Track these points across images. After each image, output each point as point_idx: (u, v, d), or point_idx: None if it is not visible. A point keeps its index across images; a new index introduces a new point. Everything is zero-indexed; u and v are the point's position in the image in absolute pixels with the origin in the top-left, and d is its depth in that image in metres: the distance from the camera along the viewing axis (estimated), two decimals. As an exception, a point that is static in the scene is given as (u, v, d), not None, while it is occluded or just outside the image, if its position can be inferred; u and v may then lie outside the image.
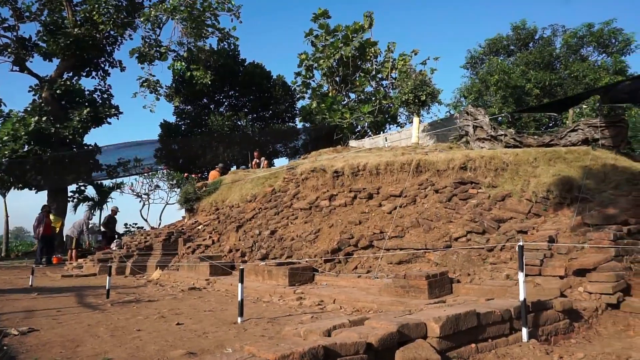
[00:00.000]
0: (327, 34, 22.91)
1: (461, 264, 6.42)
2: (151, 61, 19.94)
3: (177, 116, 24.08)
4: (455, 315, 2.70)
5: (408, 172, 8.61)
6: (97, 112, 19.30)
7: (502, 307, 3.15)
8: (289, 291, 7.01)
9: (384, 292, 6.01)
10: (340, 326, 2.58)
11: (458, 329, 2.70)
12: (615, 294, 4.16)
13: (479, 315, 2.88)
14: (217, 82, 22.89)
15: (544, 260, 5.01)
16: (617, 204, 5.92)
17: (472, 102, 22.75)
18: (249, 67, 23.75)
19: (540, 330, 3.40)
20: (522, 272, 3.21)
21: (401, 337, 2.42)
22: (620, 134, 9.57)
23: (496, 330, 3.02)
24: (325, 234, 8.41)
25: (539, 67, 22.39)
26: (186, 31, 19.34)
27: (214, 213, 12.11)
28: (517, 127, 20.89)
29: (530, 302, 3.43)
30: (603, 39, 21.77)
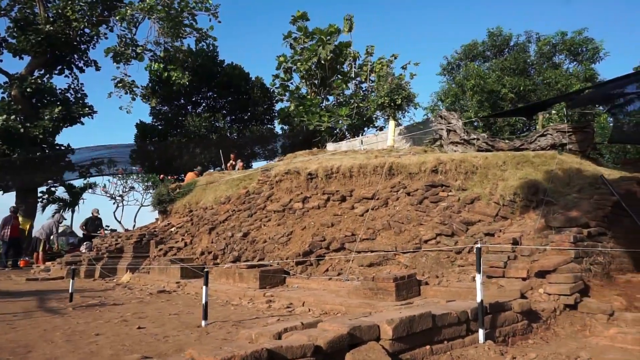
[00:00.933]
0: (306, 37, 22.92)
1: (430, 266, 6.47)
2: (127, 61, 19.58)
3: (153, 117, 23.72)
4: (409, 317, 2.71)
5: (381, 175, 8.65)
6: (70, 111, 18.82)
7: (459, 309, 3.17)
8: (258, 294, 6.94)
9: (353, 295, 6.01)
10: (292, 329, 2.55)
11: (412, 331, 2.71)
12: (573, 295, 4.25)
13: (434, 317, 2.90)
14: (194, 83, 22.64)
15: (508, 262, 5.09)
16: (580, 207, 6.06)
17: (448, 106, 23.08)
18: (227, 69, 23.58)
19: (497, 332, 3.44)
20: (479, 274, 3.24)
21: (352, 340, 2.40)
22: (586, 139, 9.84)
23: (452, 332, 3.04)
24: (298, 236, 8.37)
25: (513, 73, 22.84)
26: (163, 31, 19.08)
27: (188, 215, 11.94)
28: (493, 132, 21.28)
29: (488, 303, 3.47)
30: (574, 47, 22.38)
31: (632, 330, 3.82)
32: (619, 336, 3.75)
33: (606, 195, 6.30)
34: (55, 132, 18.89)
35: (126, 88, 19.84)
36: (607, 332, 3.95)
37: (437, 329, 2.91)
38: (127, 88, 19.83)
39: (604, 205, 6.05)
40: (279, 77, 23.76)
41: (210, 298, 7.49)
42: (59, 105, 18.34)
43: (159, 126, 23.81)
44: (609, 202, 6.09)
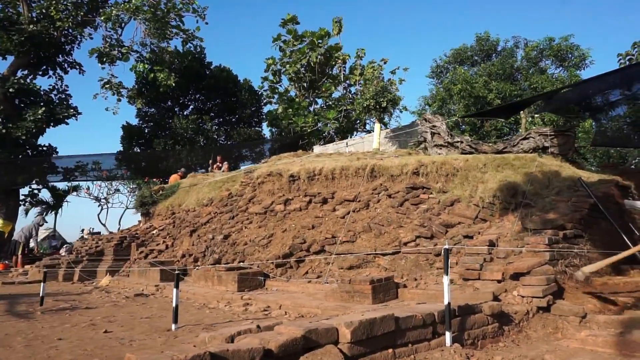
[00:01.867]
0: (295, 40, 22.89)
1: (409, 268, 6.42)
2: (112, 61, 19.37)
3: (140, 118, 23.49)
4: (370, 320, 2.63)
5: (363, 177, 8.60)
6: (54, 112, 18.53)
7: (426, 312, 3.11)
8: (236, 297, 6.84)
9: (330, 298, 5.94)
10: (247, 332, 2.46)
11: (373, 334, 2.64)
12: (546, 297, 4.21)
13: (397, 320, 2.83)
14: (182, 85, 22.47)
15: (484, 264, 5.05)
16: (557, 210, 6.05)
17: (436, 110, 23.16)
18: (215, 71, 23.46)
19: (466, 334, 3.38)
20: (447, 276, 3.19)
21: (308, 343, 2.32)
22: (568, 142, 9.90)
23: (417, 335, 2.98)
24: (279, 238, 8.28)
25: (500, 78, 23.00)
26: (149, 32, 18.92)
27: (170, 217, 11.79)
28: (479, 136, 21.40)
29: (457, 306, 3.41)
30: (561, 53, 22.60)
31: (603, 333, 3.79)
32: (590, 339, 3.72)
33: (583, 198, 6.30)
34: (38, 133, 18.58)
35: (113, 89, 19.62)
36: (579, 334, 3.92)
37: (400, 332, 2.85)
38: (114, 89, 19.60)
39: (581, 208, 6.05)
40: (267, 80, 23.71)
41: (188, 301, 7.42)
42: (43, 106, 18.06)
43: (146, 128, 23.60)
44: (585, 205, 6.09)
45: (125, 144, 22.91)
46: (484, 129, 22.20)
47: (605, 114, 13.34)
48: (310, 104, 22.90)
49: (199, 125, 22.49)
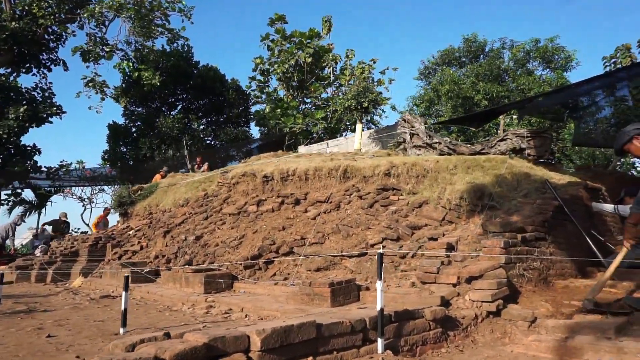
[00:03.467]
0: (284, 39, 22.79)
1: (374, 271, 6.34)
2: (96, 60, 19.21)
3: (126, 118, 23.31)
4: (285, 327, 2.55)
5: (335, 178, 8.53)
6: (37, 111, 18.37)
7: (355, 317, 3.03)
8: (201, 299, 6.75)
9: (291, 300, 5.86)
10: (151, 339, 2.38)
11: (289, 342, 2.55)
12: (495, 301, 4.15)
13: (319, 327, 2.75)
14: (168, 84, 22.33)
15: (441, 268, 4.98)
16: (521, 212, 6.00)
17: (423, 110, 23.16)
18: (202, 70, 23.31)
19: (403, 341, 3.31)
20: (380, 280, 3.12)
21: (211, 352, 2.24)
22: (544, 144, 9.87)
23: (344, 342, 2.90)
24: (249, 239, 8.20)
25: (488, 79, 23.03)
26: (134, 30, 18.77)
27: (147, 217, 11.67)
28: (467, 137, 21.39)
29: (393, 311, 3.34)
30: (547, 54, 22.65)
31: (549, 338, 3.74)
32: (533, 344, 3.66)
33: (549, 200, 6.26)
34: (21, 132, 18.40)
35: (96, 88, 19.46)
36: (526, 339, 3.86)
37: (323, 339, 2.77)
38: (97, 88, 19.45)
39: (545, 210, 6.00)
40: (255, 79, 23.60)
41: (154, 303, 7.32)
42: (25, 104, 17.89)
43: (132, 127, 23.44)
44: (550, 207, 6.04)
45: (111, 143, 22.73)
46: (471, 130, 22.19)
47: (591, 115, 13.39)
48: (299, 104, 22.81)
49: (186, 125, 22.35)
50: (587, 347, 3.44)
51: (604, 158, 18.77)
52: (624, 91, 11.73)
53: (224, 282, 7.41)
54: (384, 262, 6.43)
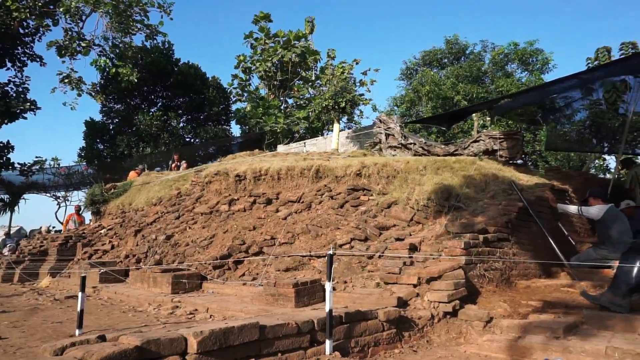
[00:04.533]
0: (268, 38, 22.68)
1: (342, 271, 6.34)
2: (72, 55, 18.82)
3: (104, 114, 22.92)
4: (225, 329, 2.52)
5: (308, 178, 8.51)
6: (9, 106, 17.92)
7: (303, 319, 3.01)
8: (167, 300, 6.66)
9: (256, 301, 5.83)
10: (83, 342, 2.33)
11: (229, 344, 2.52)
12: (452, 302, 4.17)
13: (263, 328, 2.72)
14: (148, 81, 22.04)
15: (403, 268, 5.00)
16: (487, 213, 6.06)
17: (404, 110, 23.28)
18: (182, 67, 23.06)
19: (353, 342, 3.30)
20: (329, 282, 3.11)
21: (144, 355, 2.19)
22: (516, 146, 9.99)
23: (289, 344, 2.88)
24: (219, 239, 8.12)
25: (468, 80, 23.25)
26: (111, 25, 18.44)
27: (120, 216, 11.49)
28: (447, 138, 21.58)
29: (344, 312, 3.33)
30: (525, 57, 22.98)
31: (502, 337, 3.78)
32: (486, 344, 3.70)
33: (514, 201, 6.34)
34: (-7, 128, 17.95)
35: (72, 84, 19.06)
36: (480, 339, 3.90)
37: (267, 341, 2.74)
38: (73, 84, 19.05)
39: (510, 211, 6.08)
40: (237, 77, 23.43)
41: (120, 304, 7.19)
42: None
43: (110, 124, 23.06)
44: (514, 208, 6.12)
45: (88, 140, 22.34)
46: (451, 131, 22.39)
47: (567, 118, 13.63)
48: (280, 103, 22.73)
49: (165, 123, 22.08)
50: (536, 347, 3.48)
51: (578, 160, 19.13)
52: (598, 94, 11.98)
53: (192, 282, 7.34)
54: (351, 262, 6.48)
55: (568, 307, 4.40)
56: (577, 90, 11.26)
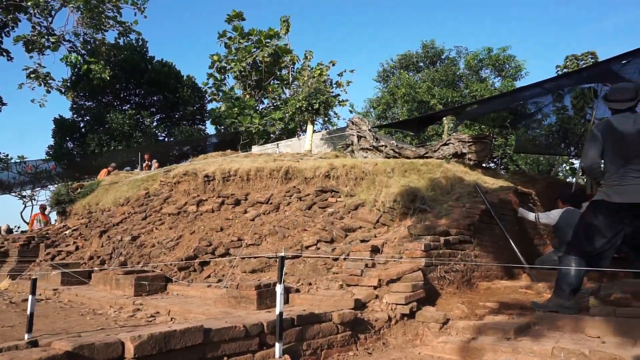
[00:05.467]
0: (241, 37, 22.51)
1: (307, 273, 6.32)
2: (41, 50, 18.28)
3: (74, 112, 22.33)
4: (166, 333, 2.47)
5: (277, 179, 8.46)
6: (-28, 102, 17.31)
7: (252, 322, 2.98)
8: (129, 302, 6.51)
9: (219, 303, 5.74)
10: (11, 349, 2.24)
11: (169, 348, 2.47)
12: (409, 304, 4.20)
13: (207, 332, 2.67)
14: (120, 79, 21.59)
15: (364, 270, 5.01)
16: (450, 215, 6.14)
17: (380, 112, 23.48)
18: (156, 65, 22.68)
19: (305, 345, 3.28)
20: (280, 284, 3.08)
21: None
22: (485, 150, 10.18)
23: (237, 347, 2.84)
24: (186, 240, 8.00)
25: (443, 84, 23.62)
26: (83, 21, 17.99)
27: (86, 217, 11.20)
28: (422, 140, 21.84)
29: (296, 315, 3.31)
30: (499, 63, 23.48)
31: (456, 339, 3.81)
32: (439, 345, 3.73)
33: (478, 204, 6.44)
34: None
35: (40, 80, 18.51)
36: (436, 341, 3.92)
37: (212, 345, 2.70)
38: (41, 80, 18.49)
39: (473, 214, 6.17)
40: (212, 77, 23.18)
41: (80, 307, 6.99)
42: (-41, 95, 16.79)
43: (81, 122, 22.49)
44: (477, 211, 6.21)
45: (57, 138, 21.72)
46: (426, 133, 22.68)
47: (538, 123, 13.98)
48: (256, 103, 22.58)
49: (138, 121, 21.67)
50: (487, 348, 3.52)
51: (547, 164, 19.65)
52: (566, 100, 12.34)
53: (156, 284, 7.19)
54: (317, 264, 6.46)
55: (523, 309, 4.48)
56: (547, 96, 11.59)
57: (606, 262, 3.92)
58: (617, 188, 3.78)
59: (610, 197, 3.82)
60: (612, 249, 3.89)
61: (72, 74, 20.93)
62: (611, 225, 3.83)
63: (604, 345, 3.36)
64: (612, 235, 3.83)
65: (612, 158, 3.82)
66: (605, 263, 3.92)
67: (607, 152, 3.84)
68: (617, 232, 3.83)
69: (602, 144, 3.83)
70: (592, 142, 3.91)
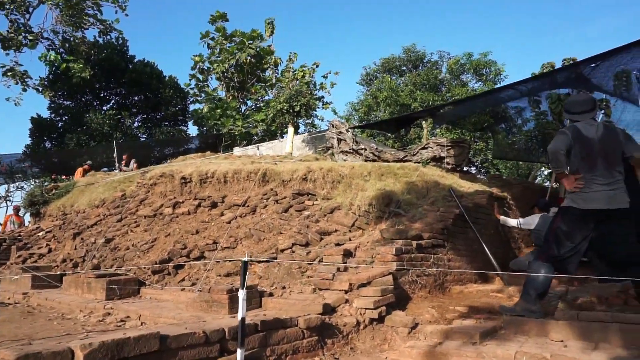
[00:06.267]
0: (224, 38, 22.37)
1: (281, 276, 6.28)
2: (18, 48, 17.86)
3: (52, 111, 21.87)
4: (119, 340, 2.41)
5: (254, 182, 8.41)
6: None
7: (213, 327, 2.94)
8: (100, 306, 6.38)
9: (190, 307, 5.67)
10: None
11: (123, 356, 2.41)
12: (378, 308, 4.20)
13: (164, 338, 2.62)
14: (101, 78, 21.23)
15: (336, 274, 5.00)
16: (424, 219, 6.17)
17: (362, 115, 23.56)
18: (137, 65, 22.37)
19: (269, 351, 3.25)
20: (243, 289, 3.05)
21: (19, 370, 2.06)
22: (462, 154, 10.28)
23: (195, 354, 2.79)
24: (161, 243, 7.89)
25: (425, 88, 23.82)
26: (62, 19, 17.65)
27: (61, 218, 10.96)
28: (403, 143, 21.99)
29: (260, 320, 3.27)
30: (479, 67, 23.79)
31: (423, 344, 3.82)
32: (406, 350, 3.73)
33: (452, 208, 6.48)
34: None
35: (17, 78, 18.08)
36: (404, 345, 3.93)
37: (170, 352, 2.65)
38: (17, 77, 18.06)
39: (447, 218, 6.21)
40: (195, 77, 22.97)
41: (49, 311, 6.82)
42: None
43: (60, 122, 22.05)
44: (451, 215, 6.26)
45: (34, 138, 21.26)
46: (408, 136, 22.85)
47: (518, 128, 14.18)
48: (239, 105, 22.45)
49: (118, 121, 21.34)
50: (452, 352, 3.54)
51: (526, 168, 19.95)
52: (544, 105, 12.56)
53: (129, 287, 7.07)
54: (292, 268, 6.42)
55: (491, 313, 4.52)
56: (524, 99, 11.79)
57: (572, 267, 3.97)
58: (583, 194, 3.85)
59: (577, 203, 3.88)
60: (578, 254, 3.95)
61: (50, 73, 20.51)
62: (578, 231, 3.89)
63: (565, 349, 3.41)
64: (579, 241, 3.89)
65: (579, 163, 3.88)
66: (571, 268, 3.98)
67: (575, 155, 3.89)
68: (583, 238, 3.89)
69: (571, 142, 3.88)
70: (561, 135, 3.96)
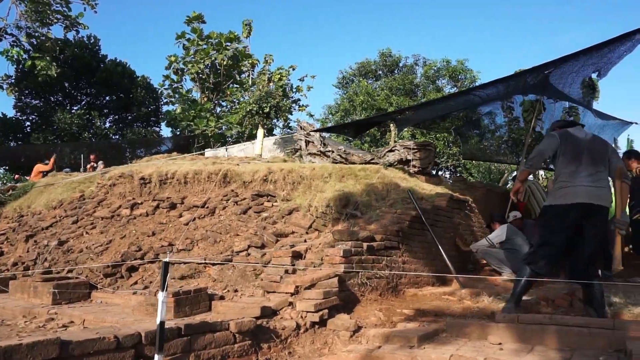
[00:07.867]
0: (201, 39, 22.11)
1: (235, 279, 6.12)
2: (-20, 44, 17.29)
3: (18, 110, 21.20)
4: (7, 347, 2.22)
5: (215, 183, 8.23)
6: None
7: (127, 332, 2.79)
8: (44, 311, 6.09)
9: (137, 311, 5.46)
10: None
11: (13, 364, 2.25)
12: (319, 311, 4.09)
13: (67, 344, 2.47)
14: (70, 77, 20.70)
15: (284, 276, 4.88)
16: (381, 221, 6.10)
17: (338, 119, 23.55)
18: (109, 64, 21.90)
19: (193, 356, 3.10)
20: (163, 291, 2.90)
21: None
22: (428, 157, 10.30)
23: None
24: (116, 245, 7.63)
25: (401, 92, 23.96)
26: (27, 14, 17.15)
27: (17, 220, 10.54)
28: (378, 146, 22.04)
29: (184, 324, 3.13)
30: (456, 74, 24.07)
31: (363, 348, 3.73)
32: (345, 354, 3.63)
33: (409, 210, 6.44)
34: None
35: (-21, 75, 17.50)
36: (344, 349, 3.82)
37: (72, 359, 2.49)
38: (-21, 75, 17.49)
39: (403, 220, 6.16)
40: (169, 78, 22.63)
41: (-8, 316, 6.53)
42: None
43: (26, 121, 21.41)
44: (407, 217, 6.21)
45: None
46: (383, 139, 22.91)
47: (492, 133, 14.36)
48: (213, 106, 22.19)
49: (88, 121, 20.82)
50: (387, 356, 3.45)
51: (497, 172, 20.21)
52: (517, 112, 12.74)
53: (79, 291, 6.80)
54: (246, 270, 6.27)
55: (438, 315, 4.46)
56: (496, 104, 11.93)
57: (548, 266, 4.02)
58: (562, 190, 3.88)
59: (555, 200, 3.92)
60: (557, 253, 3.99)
61: (15, 70, 19.90)
62: (557, 229, 3.90)
63: (500, 352, 3.36)
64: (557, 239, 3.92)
65: (565, 163, 3.90)
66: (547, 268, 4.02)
67: (562, 156, 3.92)
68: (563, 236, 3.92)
69: (559, 145, 3.92)
70: (551, 138, 4.06)
